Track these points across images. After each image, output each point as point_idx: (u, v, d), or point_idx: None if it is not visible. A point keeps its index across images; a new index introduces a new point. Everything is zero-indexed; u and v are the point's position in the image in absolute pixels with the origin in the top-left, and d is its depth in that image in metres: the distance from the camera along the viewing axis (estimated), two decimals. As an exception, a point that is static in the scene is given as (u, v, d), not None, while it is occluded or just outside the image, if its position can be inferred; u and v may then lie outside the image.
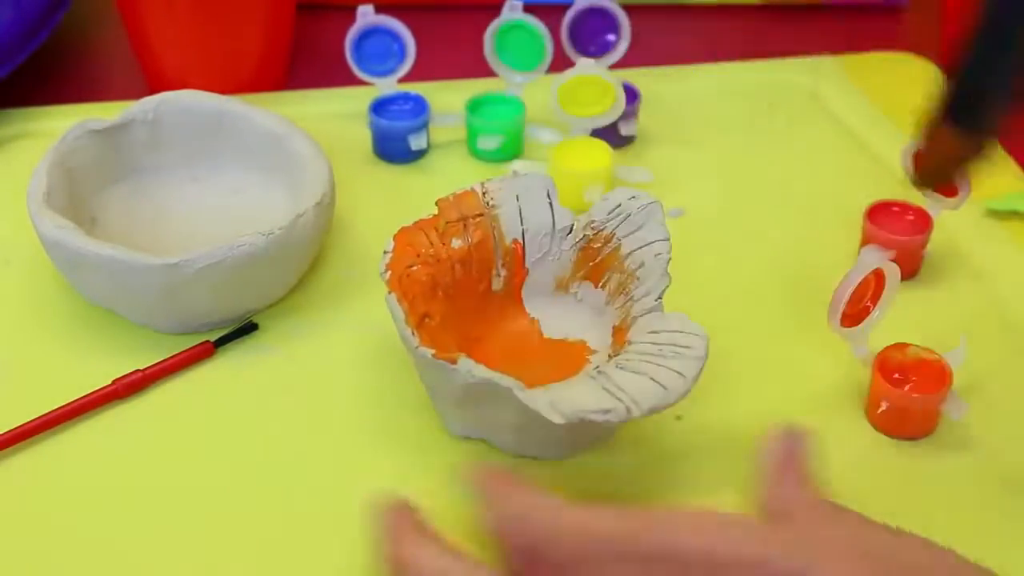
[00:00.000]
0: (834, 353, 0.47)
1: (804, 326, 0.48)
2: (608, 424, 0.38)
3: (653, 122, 0.62)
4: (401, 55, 0.60)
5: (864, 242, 0.52)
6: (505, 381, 0.40)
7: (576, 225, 0.47)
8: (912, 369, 0.45)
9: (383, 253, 0.45)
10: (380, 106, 0.60)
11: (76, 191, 0.51)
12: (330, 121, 0.61)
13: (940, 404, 0.44)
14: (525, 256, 0.47)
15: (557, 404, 0.38)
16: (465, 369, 0.40)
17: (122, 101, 0.61)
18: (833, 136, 0.62)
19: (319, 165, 0.51)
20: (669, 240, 0.45)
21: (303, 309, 0.51)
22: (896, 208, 0.53)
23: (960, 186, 0.46)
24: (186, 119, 0.54)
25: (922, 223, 0.52)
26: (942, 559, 0.33)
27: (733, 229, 0.55)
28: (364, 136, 0.60)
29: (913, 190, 0.51)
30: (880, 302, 0.45)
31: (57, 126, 0.58)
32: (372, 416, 0.46)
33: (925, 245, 0.52)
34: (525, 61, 0.60)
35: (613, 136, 0.59)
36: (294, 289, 0.51)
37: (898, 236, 0.51)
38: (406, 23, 0.60)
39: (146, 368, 0.47)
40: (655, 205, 0.46)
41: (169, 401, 0.46)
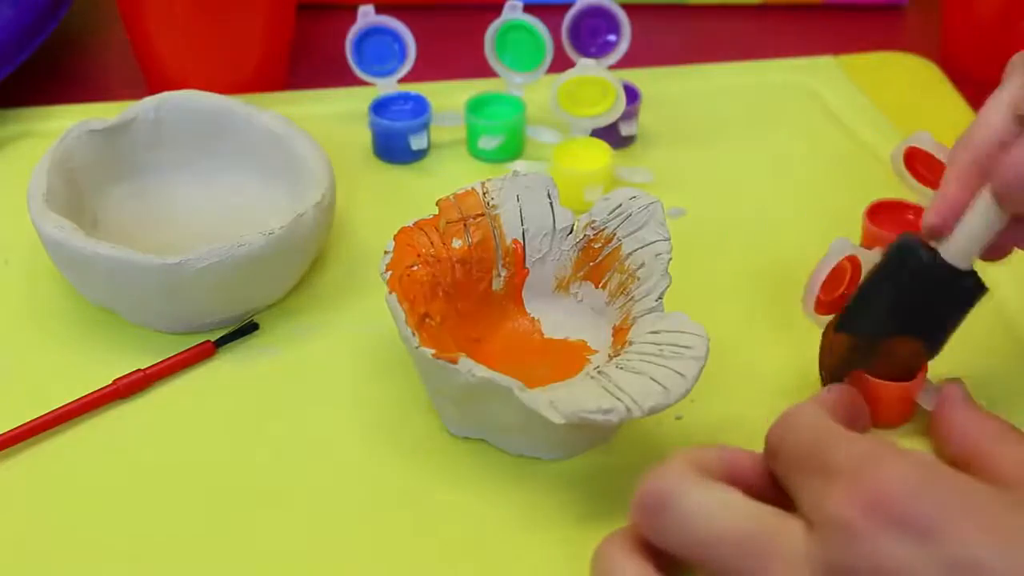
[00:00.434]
0: (834, 353, 0.47)
1: (804, 326, 0.48)
2: (608, 424, 0.38)
3: (653, 122, 0.62)
4: (401, 55, 0.60)
5: (864, 242, 0.52)
6: (505, 381, 0.40)
7: (577, 225, 0.47)
8: None
9: (383, 253, 0.45)
10: (380, 106, 0.60)
11: (76, 191, 0.51)
12: (330, 121, 0.61)
13: (914, 393, 0.44)
14: (525, 256, 0.47)
15: (557, 404, 0.38)
16: (465, 369, 0.40)
17: (122, 101, 0.61)
18: (833, 136, 0.62)
19: (319, 165, 0.51)
20: (670, 240, 0.45)
21: (304, 309, 0.51)
22: (896, 207, 0.53)
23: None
24: (186, 119, 0.54)
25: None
26: None
27: (733, 229, 0.55)
28: (364, 136, 0.60)
29: (913, 190, 0.52)
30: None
31: (57, 126, 0.59)
32: (372, 416, 0.46)
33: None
34: (525, 61, 0.60)
35: (613, 136, 0.59)
36: (295, 289, 0.51)
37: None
38: (406, 23, 0.59)
39: (147, 368, 0.47)
40: (656, 205, 0.46)
41: (170, 401, 0.46)
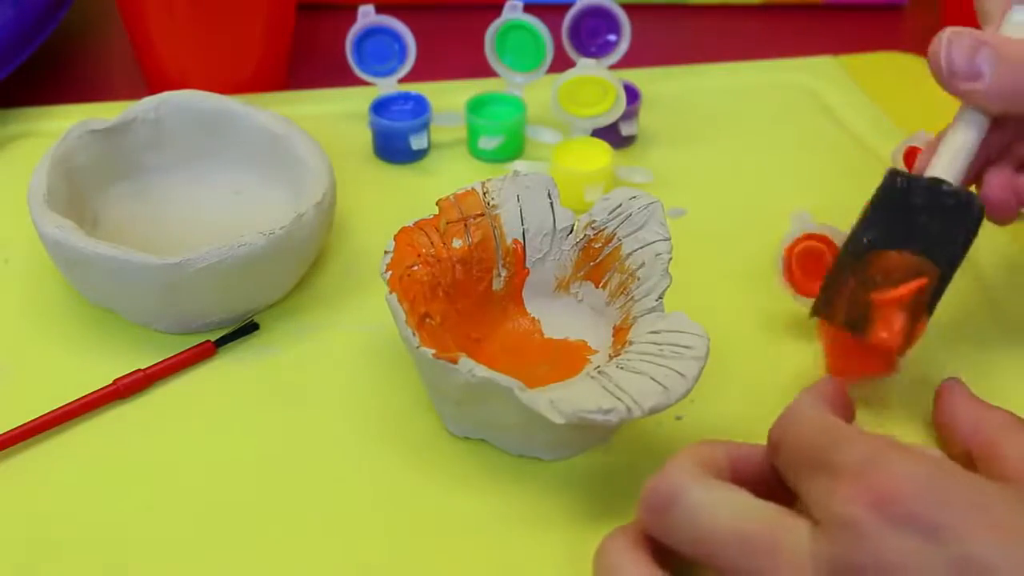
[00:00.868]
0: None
1: (805, 325, 0.48)
2: (608, 424, 0.38)
3: (653, 122, 0.62)
4: (402, 55, 0.60)
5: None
6: (506, 381, 0.40)
7: (577, 225, 0.47)
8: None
9: (384, 253, 0.45)
10: (380, 106, 0.60)
11: (77, 191, 0.51)
12: (330, 121, 0.61)
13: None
14: (526, 256, 0.47)
15: (557, 404, 0.38)
16: (466, 369, 0.40)
17: (122, 101, 0.61)
18: (833, 136, 0.62)
19: (319, 165, 0.51)
20: (670, 240, 0.45)
21: (304, 309, 0.51)
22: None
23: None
24: (187, 119, 0.54)
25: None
26: None
27: (734, 229, 0.55)
28: (364, 136, 0.60)
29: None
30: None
31: (57, 126, 0.59)
32: (372, 416, 0.46)
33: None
34: (525, 61, 0.60)
35: (613, 136, 0.59)
36: (295, 289, 0.51)
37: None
38: (406, 23, 0.60)
39: (147, 368, 0.46)
40: (656, 205, 0.46)
41: (170, 401, 0.46)
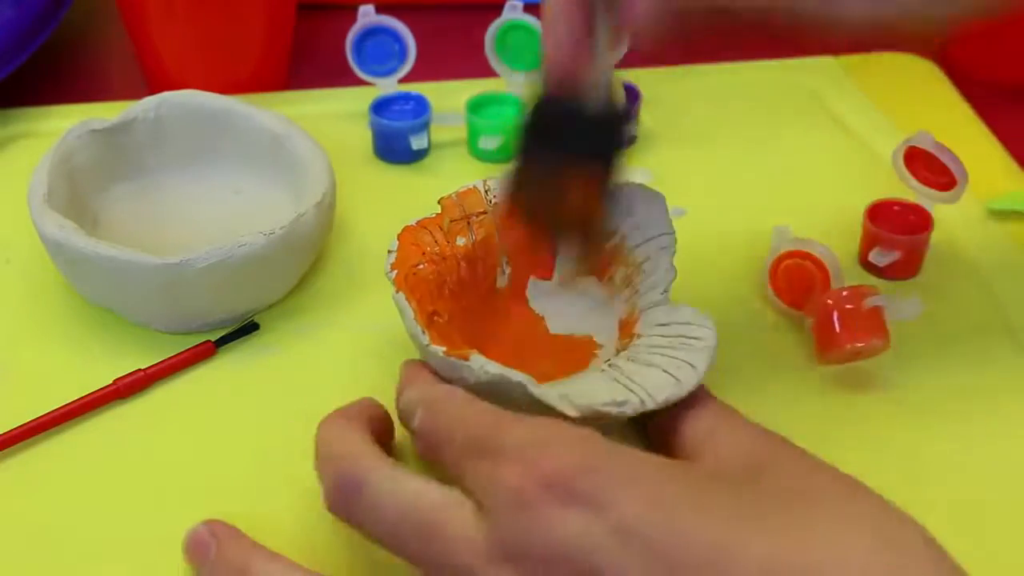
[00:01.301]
0: (836, 352, 0.47)
1: (804, 326, 0.48)
2: (622, 417, 0.38)
3: (654, 122, 0.62)
4: (402, 55, 0.60)
5: (864, 241, 0.52)
6: (517, 376, 0.39)
7: (578, 222, 0.47)
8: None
9: (388, 252, 0.45)
10: (381, 106, 0.60)
11: (77, 191, 0.51)
12: (330, 121, 0.61)
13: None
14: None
15: (570, 397, 0.38)
16: (478, 366, 0.40)
17: (122, 101, 0.61)
18: (833, 136, 0.62)
19: (320, 165, 0.51)
20: (674, 233, 0.45)
21: (304, 309, 0.51)
22: (896, 207, 0.53)
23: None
24: (187, 119, 0.54)
25: (923, 222, 0.52)
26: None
27: (734, 229, 0.55)
28: (365, 136, 0.60)
29: (914, 190, 0.52)
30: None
31: (57, 126, 0.59)
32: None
33: (926, 244, 0.52)
34: (525, 61, 0.60)
35: (614, 136, 0.59)
36: (295, 289, 0.51)
37: (899, 235, 0.51)
38: (407, 23, 0.59)
39: (147, 368, 0.46)
40: (660, 198, 0.46)
41: (170, 401, 0.46)
